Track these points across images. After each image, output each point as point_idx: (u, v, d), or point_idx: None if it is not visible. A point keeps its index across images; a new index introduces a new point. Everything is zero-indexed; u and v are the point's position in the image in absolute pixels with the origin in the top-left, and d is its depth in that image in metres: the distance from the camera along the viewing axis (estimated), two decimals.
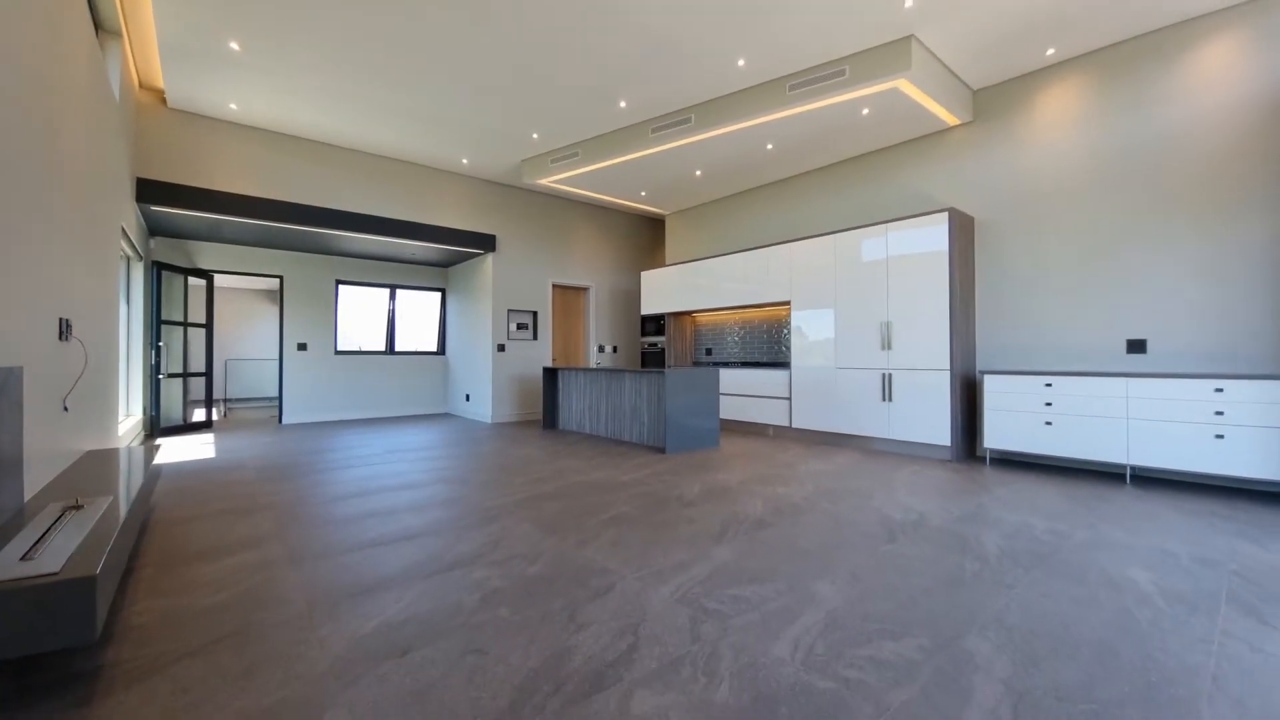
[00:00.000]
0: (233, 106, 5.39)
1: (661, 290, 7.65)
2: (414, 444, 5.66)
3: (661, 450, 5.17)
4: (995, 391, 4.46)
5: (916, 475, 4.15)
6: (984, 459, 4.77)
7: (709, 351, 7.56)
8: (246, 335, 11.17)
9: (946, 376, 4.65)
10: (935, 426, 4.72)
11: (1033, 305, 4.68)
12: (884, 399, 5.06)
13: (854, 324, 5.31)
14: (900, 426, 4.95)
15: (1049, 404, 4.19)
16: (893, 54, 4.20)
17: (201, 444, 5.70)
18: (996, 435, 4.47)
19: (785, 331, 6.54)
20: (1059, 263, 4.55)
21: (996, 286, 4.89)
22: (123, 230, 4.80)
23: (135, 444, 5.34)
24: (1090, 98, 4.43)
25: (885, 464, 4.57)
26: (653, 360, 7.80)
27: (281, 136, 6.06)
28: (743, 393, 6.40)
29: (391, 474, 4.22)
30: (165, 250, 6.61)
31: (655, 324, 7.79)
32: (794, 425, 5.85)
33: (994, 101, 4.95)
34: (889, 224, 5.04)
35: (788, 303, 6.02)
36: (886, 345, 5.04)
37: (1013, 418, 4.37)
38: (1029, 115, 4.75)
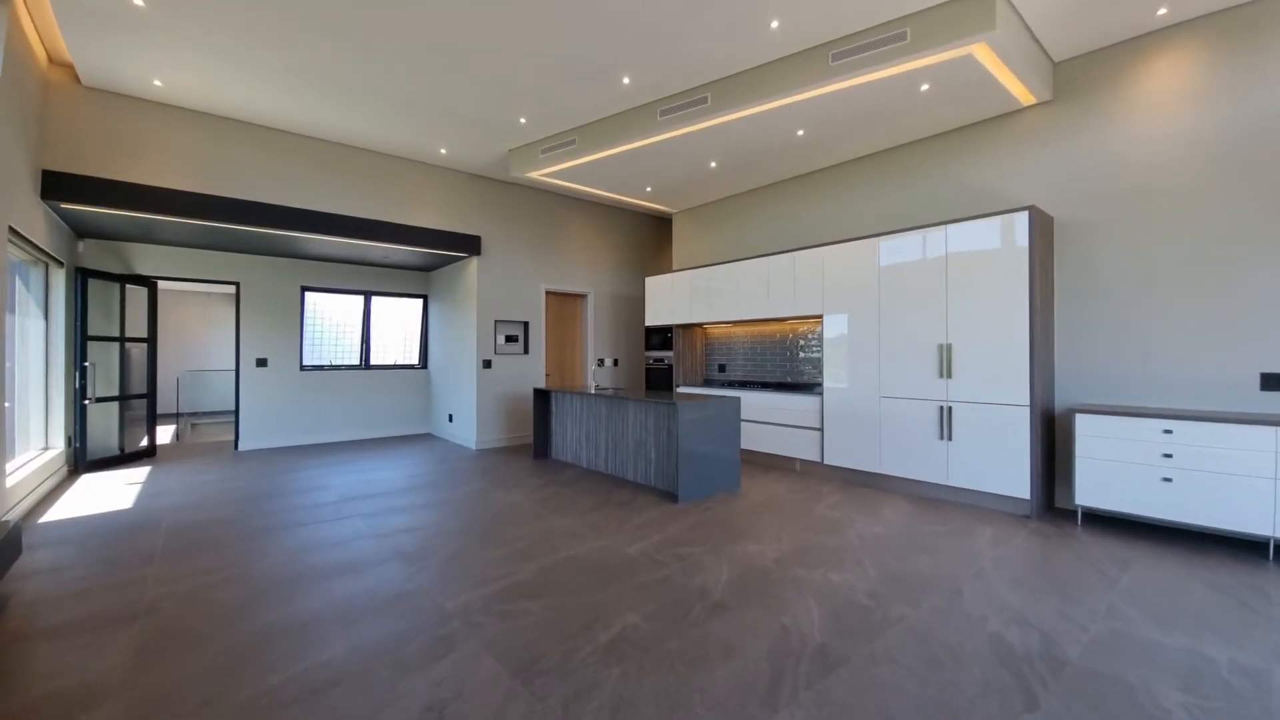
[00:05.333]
0: (156, 83, 4.49)
1: (669, 299, 6.77)
2: (380, 485, 4.78)
3: (673, 498, 4.29)
4: (1091, 435, 3.58)
5: (1001, 544, 3.27)
6: (1072, 515, 3.89)
7: (722, 368, 6.68)
8: (210, 344, 10.30)
9: (1025, 413, 3.77)
10: (1009, 474, 3.85)
11: (1131, 327, 3.80)
12: (941, 436, 4.19)
13: (903, 345, 4.43)
14: (962, 471, 4.08)
15: (1168, 455, 3.31)
16: (971, 11, 3.31)
17: (126, 484, 4.82)
18: (1093, 489, 3.59)
19: (815, 350, 5.66)
20: (1168, 275, 3.67)
21: (1083, 303, 4.01)
22: (13, 231, 3.90)
23: (45, 481, 4.46)
24: (1211, 70, 3.55)
25: (951, 522, 3.69)
26: (658, 378, 6.92)
27: (223, 121, 5.16)
28: (763, 419, 5.53)
29: (335, 542, 3.33)
30: (97, 254, 5.72)
31: (661, 337, 6.91)
32: (826, 461, 4.97)
33: (1080, 76, 4.06)
34: (949, 225, 4.16)
35: (819, 317, 5.14)
36: (945, 372, 4.16)
37: (1116, 469, 3.50)
38: (1127, 92, 3.86)
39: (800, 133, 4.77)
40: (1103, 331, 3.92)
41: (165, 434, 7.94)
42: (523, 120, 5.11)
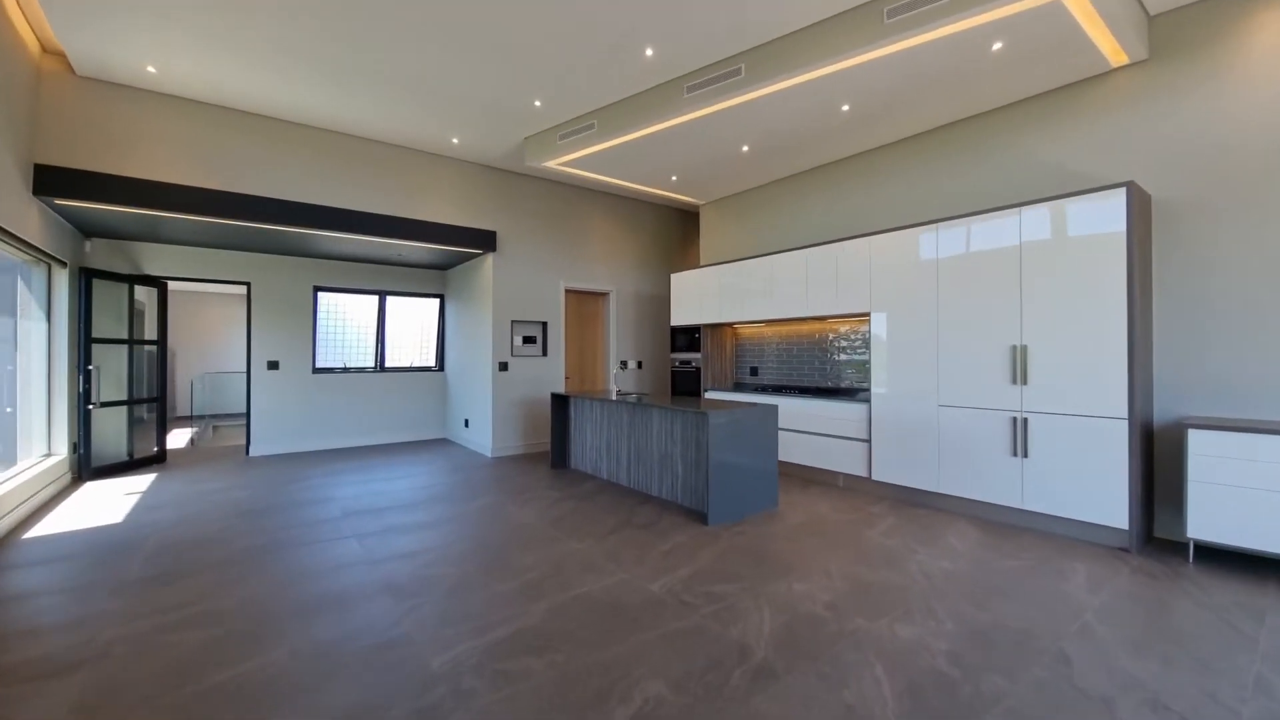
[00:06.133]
0: (150, 70, 4.23)
1: (696, 296, 6.30)
2: (386, 498, 4.44)
3: (702, 519, 3.83)
4: (1208, 455, 2.98)
5: (1101, 587, 2.72)
6: (1177, 548, 3.29)
7: (754, 371, 6.18)
8: (234, 345, 10.22)
9: (1123, 427, 3.19)
10: (1101, 498, 3.27)
11: (1254, 325, 3.17)
12: (1014, 453, 3.62)
13: (966, 347, 3.88)
14: (1040, 494, 3.51)
15: None
16: None
17: (125, 494, 4.58)
18: (1208, 520, 2.99)
19: (860, 352, 5.12)
20: None
21: (1189, 296, 3.40)
22: (1, 230, 3.67)
23: (44, 490, 4.25)
24: None
25: (1031, 555, 3.14)
26: (685, 382, 6.45)
27: (224, 111, 4.89)
28: (801, 428, 5.01)
29: (323, 570, 2.98)
30: (105, 255, 5.54)
31: (688, 337, 6.44)
32: (874, 476, 4.44)
33: (1182, 31, 3.45)
34: (1023, 208, 3.60)
35: (865, 315, 4.61)
36: (1019, 377, 3.60)
37: (1239, 496, 2.90)
38: (1240, 49, 3.24)
39: (845, 108, 4.25)
40: (1216, 331, 3.30)
41: (183, 437, 7.83)
42: (538, 103, 4.70)
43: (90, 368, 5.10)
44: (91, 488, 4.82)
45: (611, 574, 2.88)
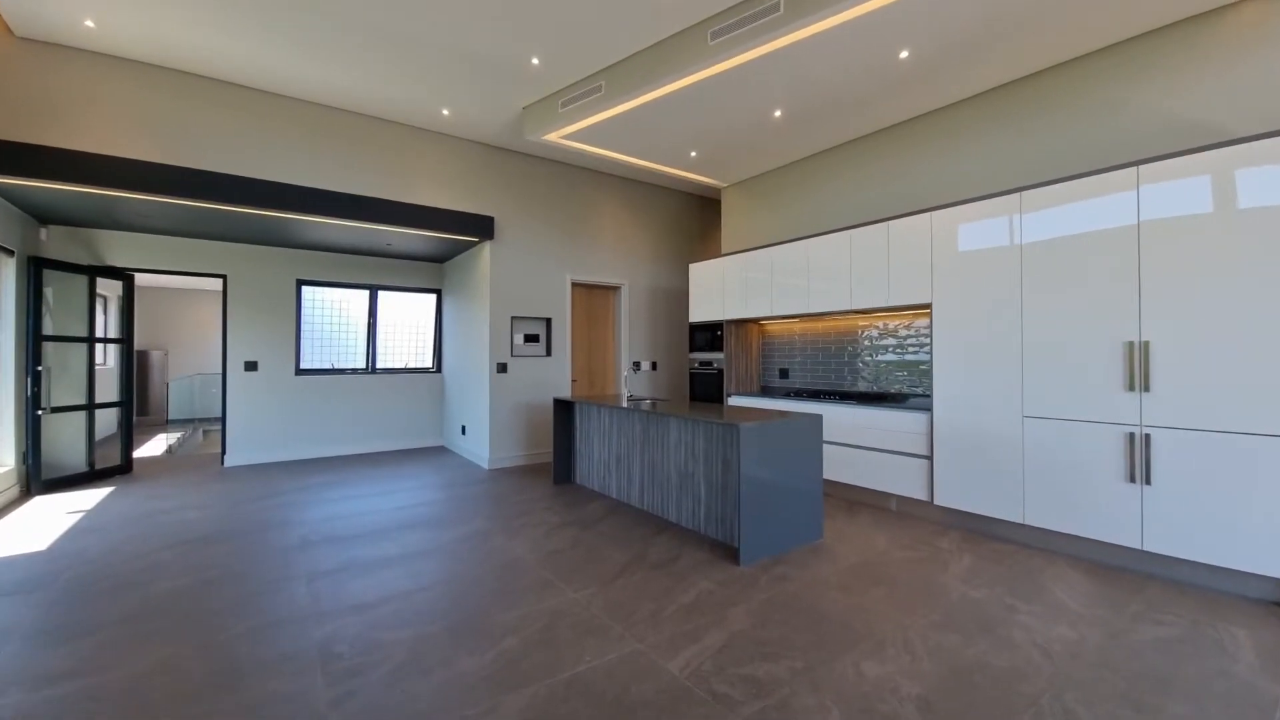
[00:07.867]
0: (89, 24, 3.65)
1: (718, 289, 5.60)
2: (359, 521, 3.81)
3: (733, 554, 3.12)
4: None
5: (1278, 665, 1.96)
6: None
7: (784, 374, 5.45)
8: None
9: None
10: (1257, 540, 2.51)
11: None
12: (1130, 479, 2.86)
13: (1061, 344, 3.12)
14: (1168, 533, 2.75)
15: None
16: None
17: (67, 512, 4.01)
18: None
19: (915, 350, 4.38)
20: None
21: None
22: None
23: None
24: None
25: (1174, 615, 2.38)
26: (705, 385, 5.75)
27: (183, 77, 4.31)
28: (843, 441, 4.28)
29: (251, 627, 2.33)
30: (63, 244, 5.00)
31: (708, 336, 5.74)
32: (936, 501, 3.69)
33: None
34: (1142, 166, 2.84)
35: (925, 307, 3.87)
36: (1137, 383, 2.84)
37: None
38: None
39: (904, 54, 3.52)
40: None
41: (164, 445, 7.34)
42: (535, 61, 4.05)
43: (40, 369, 4.56)
44: (38, 503, 4.27)
45: (618, 642, 2.19)
